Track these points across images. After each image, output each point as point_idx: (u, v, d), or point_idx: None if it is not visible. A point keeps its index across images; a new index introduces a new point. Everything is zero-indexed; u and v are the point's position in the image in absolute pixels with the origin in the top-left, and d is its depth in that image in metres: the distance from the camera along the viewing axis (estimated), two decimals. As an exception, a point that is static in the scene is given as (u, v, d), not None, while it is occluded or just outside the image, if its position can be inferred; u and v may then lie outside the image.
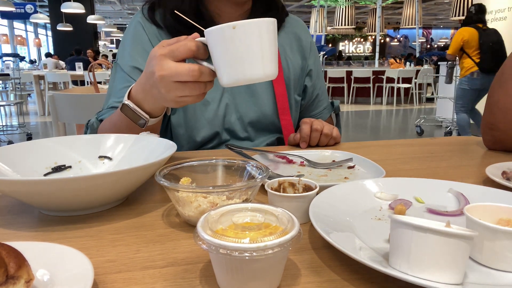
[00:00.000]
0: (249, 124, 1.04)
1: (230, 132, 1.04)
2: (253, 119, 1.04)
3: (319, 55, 1.19)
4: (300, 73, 1.10)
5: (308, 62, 1.12)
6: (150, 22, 0.98)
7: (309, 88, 1.14)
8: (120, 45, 1.02)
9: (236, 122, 1.03)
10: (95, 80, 2.47)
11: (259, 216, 0.40)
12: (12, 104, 6.27)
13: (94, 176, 0.52)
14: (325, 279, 0.39)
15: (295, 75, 1.09)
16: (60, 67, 9.41)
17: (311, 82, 1.13)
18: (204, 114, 1.00)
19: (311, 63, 1.13)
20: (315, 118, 1.16)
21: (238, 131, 1.04)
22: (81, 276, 0.35)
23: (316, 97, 1.15)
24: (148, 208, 0.59)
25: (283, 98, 1.05)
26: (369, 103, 9.13)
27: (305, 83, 1.13)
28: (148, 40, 0.97)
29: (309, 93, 1.14)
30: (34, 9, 12.85)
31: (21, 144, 0.68)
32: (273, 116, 1.06)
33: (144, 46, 0.96)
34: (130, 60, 0.95)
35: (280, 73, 1.05)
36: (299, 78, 1.11)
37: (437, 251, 0.34)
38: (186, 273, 0.41)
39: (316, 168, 0.77)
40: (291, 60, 1.08)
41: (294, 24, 1.12)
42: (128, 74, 0.94)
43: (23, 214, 0.57)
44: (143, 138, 0.74)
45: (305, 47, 1.11)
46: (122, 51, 0.99)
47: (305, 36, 1.12)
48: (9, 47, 16.56)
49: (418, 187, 0.60)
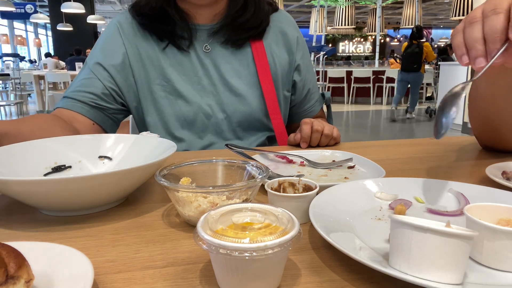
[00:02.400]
0: (237, 123, 1.04)
1: (218, 133, 1.04)
2: (240, 118, 1.04)
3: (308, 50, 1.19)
4: (288, 68, 1.10)
5: (296, 57, 1.11)
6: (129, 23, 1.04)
7: (299, 83, 1.12)
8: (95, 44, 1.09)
9: (223, 122, 1.03)
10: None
11: (259, 216, 0.40)
12: (12, 104, 6.27)
13: (94, 176, 0.52)
14: (325, 279, 0.39)
15: (283, 71, 1.08)
16: (60, 67, 9.42)
17: (300, 77, 1.12)
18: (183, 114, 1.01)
19: (298, 58, 1.11)
20: (308, 112, 1.17)
21: (226, 132, 1.04)
22: (81, 276, 0.35)
23: (307, 92, 1.15)
24: (148, 208, 0.59)
25: (272, 96, 1.05)
26: (369, 103, 9.13)
27: (294, 78, 1.12)
28: (122, 42, 1.02)
29: (299, 89, 1.13)
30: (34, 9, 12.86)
31: (21, 144, 0.68)
32: (262, 114, 1.05)
33: (114, 46, 1.02)
34: (96, 57, 1.02)
35: (267, 71, 1.04)
36: (287, 74, 1.10)
37: (437, 251, 0.34)
38: (186, 273, 0.41)
39: (316, 168, 0.77)
40: (278, 55, 1.08)
41: (281, 19, 1.11)
42: (91, 69, 1.01)
43: (23, 214, 0.57)
44: (143, 138, 0.74)
45: (291, 41, 1.10)
46: (93, 49, 1.06)
47: (291, 31, 1.11)
48: (9, 47, 16.56)
49: (418, 187, 0.60)
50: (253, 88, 1.04)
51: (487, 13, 0.55)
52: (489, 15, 0.54)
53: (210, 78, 1.03)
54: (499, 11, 0.53)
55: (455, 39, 0.57)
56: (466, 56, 0.56)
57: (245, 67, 1.04)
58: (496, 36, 0.52)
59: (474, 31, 0.55)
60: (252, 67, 1.05)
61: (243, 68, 1.04)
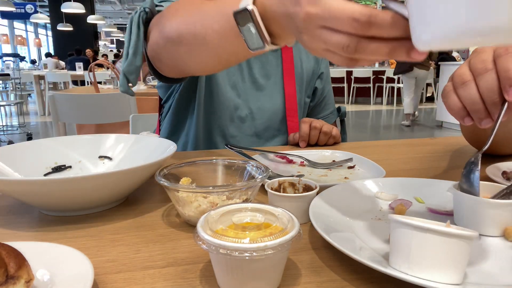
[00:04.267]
0: (259, 121, 1.04)
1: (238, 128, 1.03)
2: (262, 116, 1.04)
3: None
4: (312, 75, 1.11)
5: (321, 65, 1.13)
6: None
7: (319, 91, 1.15)
8: None
9: (247, 117, 1.03)
10: (95, 80, 2.47)
11: (259, 216, 0.40)
12: (12, 104, 6.27)
13: (94, 176, 0.52)
14: (325, 279, 0.39)
15: (308, 77, 1.10)
16: (60, 67, 9.42)
17: (322, 85, 1.15)
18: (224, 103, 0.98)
19: (323, 66, 1.14)
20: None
21: (247, 128, 1.03)
22: (81, 276, 0.35)
23: (323, 100, 1.17)
24: (148, 208, 0.59)
25: (292, 99, 1.06)
26: (369, 103, 9.13)
27: (316, 85, 1.14)
28: None
29: (318, 95, 1.15)
30: (34, 9, 12.86)
31: (21, 144, 0.68)
32: (282, 115, 1.06)
33: None
34: None
35: (292, 74, 1.06)
36: (311, 81, 1.12)
37: (437, 251, 0.34)
38: (186, 273, 0.41)
39: (316, 168, 0.77)
40: (305, 62, 1.09)
41: None
42: None
43: (23, 214, 0.57)
44: (143, 138, 0.74)
45: None
46: None
47: None
48: (9, 47, 16.57)
49: (418, 187, 0.60)
50: (275, 88, 1.05)
51: (477, 70, 0.51)
52: (481, 73, 0.50)
53: (241, 72, 1.02)
54: (489, 68, 0.50)
55: (449, 101, 0.53)
56: (468, 118, 0.52)
57: (274, 68, 1.05)
58: (495, 98, 0.49)
59: (471, 92, 0.50)
60: (279, 69, 1.06)
61: (272, 68, 1.05)
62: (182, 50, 0.61)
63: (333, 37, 0.38)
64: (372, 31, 0.36)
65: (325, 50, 0.41)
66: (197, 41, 0.57)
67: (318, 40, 0.40)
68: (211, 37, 0.55)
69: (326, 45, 0.39)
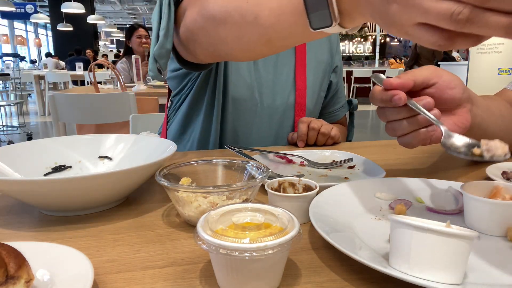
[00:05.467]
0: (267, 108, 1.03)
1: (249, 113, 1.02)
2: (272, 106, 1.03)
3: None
4: (328, 69, 1.11)
5: (335, 59, 1.13)
6: None
7: (333, 85, 1.15)
8: None
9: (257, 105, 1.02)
10: (95, 80, 2.47)
11: (259, 216, 0.40)
12: (12, 104, 6.27)
13: (94, 176, 0.52)
14: (325, 279, 0.39)
15: (324, 72, 1.10)
16: (60, 67, 9.41)
17: (336, 79, 1.15)
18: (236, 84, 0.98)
19: (337, 59, 1.14)
20: (332, 115, 1.17)
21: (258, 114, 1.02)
22: (81, 276, 0.35)
23: (335, 94, 1.16)
24: (148, 208, 0.59)
25: (302, 94, 1.05)
26: (369, 103, 9.11)
27: (331, 79, 1.14)
28: None
29: (332, 89, 1.15)
30: (34, 9, 12.86)
31: (21, 144, 0.68)
32: (291, 108, 1.05)
33: None
34: None
35: (304, 70, 1.05)
36: (326, 75, 1.11)
37: (437, 251, 0.34)
38: (186, 273, 0.41)
39: (316, 168, 0.77)
40: (320, 57, 1.09)
41: None
42: None
43: (23, 214, 0.57)
44: (143, 138, 0.74)
45: (333, 42, 1.12)
46: None
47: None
48: (9, 47, 16.56)
49: (418, 187, 0.60)
50: (288, 79, 1.05)
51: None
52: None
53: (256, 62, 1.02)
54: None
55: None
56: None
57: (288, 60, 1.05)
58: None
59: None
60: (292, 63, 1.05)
61: (286, 60, 1.05)
62: (225, 30, 0.55)
63: (439, 3, 0.32)
64: (491, 2, 0.30)
65: (416, 25, 0.35)
66: (246, 20, 0.51)
67: (414, 9, 0.34)
68: (264, 15, 0.49)
69: (426, 15, 0.33)
